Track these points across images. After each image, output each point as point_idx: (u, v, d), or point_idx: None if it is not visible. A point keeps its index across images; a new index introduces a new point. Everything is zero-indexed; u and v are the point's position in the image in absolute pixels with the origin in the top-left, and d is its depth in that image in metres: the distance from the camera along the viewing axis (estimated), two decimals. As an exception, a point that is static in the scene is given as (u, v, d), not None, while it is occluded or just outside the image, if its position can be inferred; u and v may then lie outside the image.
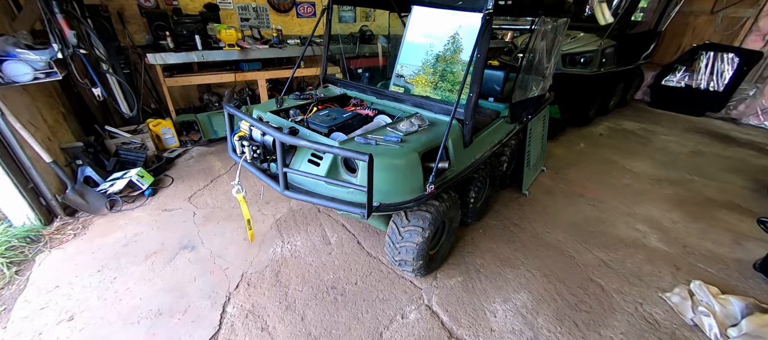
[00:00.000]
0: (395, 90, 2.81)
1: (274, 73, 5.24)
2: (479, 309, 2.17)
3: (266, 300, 2.20)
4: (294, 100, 2.76)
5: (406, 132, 2.06)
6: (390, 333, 2.00)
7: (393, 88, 2.87)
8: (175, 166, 3.97)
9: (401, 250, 2.16)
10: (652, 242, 2.84)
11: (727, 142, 5.09)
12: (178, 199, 3.29)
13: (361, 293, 2.27)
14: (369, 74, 6.28)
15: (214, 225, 2.91)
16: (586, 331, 2.04)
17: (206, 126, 4.69)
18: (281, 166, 1.71)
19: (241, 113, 1.94)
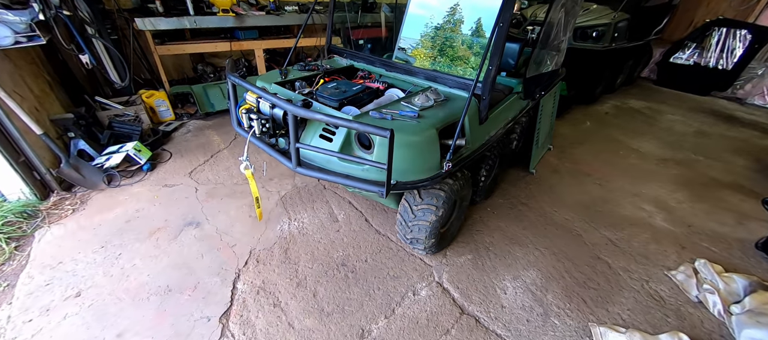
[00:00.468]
0: (401, 62, 2.67)
1: (271, 42, 4.99)
2: (489, 286, 2.18)
3: (277, 277, 2.18)
4: (299, 72, 2.62)
5: (422, 107, 1.97)
6: (402, 309, 2.01)
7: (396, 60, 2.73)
8: (172, 140, 3.83)
9: (413, 228, 2.13)
10: (657, 222, 2.86)
11: (731, 122, 5.08)
12: (178, 174, 3.19)
13: (371, 270, 2.26)
14: (371, 45, 6.03)
15: (218, 202, 2.84)
16: (594, 307, 2.07)
17: (202, 99, 4.50)
18: (294, 142, 1.63)
19: (247, 84, 1.82)
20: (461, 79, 2.21)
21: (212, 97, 4.52)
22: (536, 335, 1.90)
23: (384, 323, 1.92)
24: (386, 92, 2.36)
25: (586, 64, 4.81)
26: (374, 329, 1.89)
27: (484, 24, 2.47)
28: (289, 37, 5.23)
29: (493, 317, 1.99)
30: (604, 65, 4.99)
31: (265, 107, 1.81)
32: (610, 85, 5.76)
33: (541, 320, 1.97)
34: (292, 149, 1.65)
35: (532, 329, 1.93)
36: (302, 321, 1.92)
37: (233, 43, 4.63)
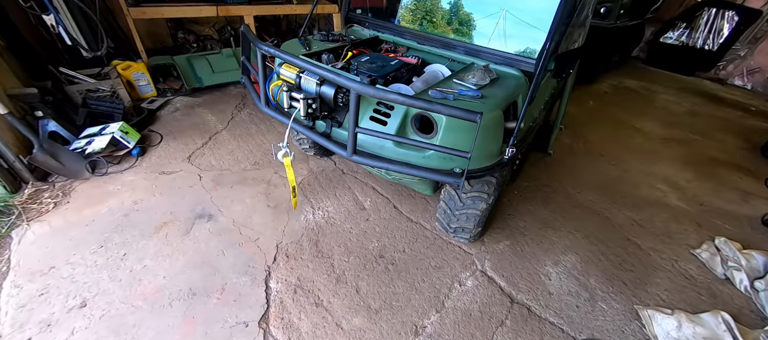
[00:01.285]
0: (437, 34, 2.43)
1: (264, 8, 4.50)
2: (533, 273, 2.14)
3: (312, 273, 2.00)
4: (322, 43, 2.31)
5: (479, 85, 1.79)
6: (452, 301, 1.92)
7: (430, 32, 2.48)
8: (159, 120, 3.39)
9: (460, 217, 2.01)
10: (673, 201, 2.94)
11: (717, 102, 5.33)
12: (175, 159, 2.83)
13: (411, 261, 2.14)
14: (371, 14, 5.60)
15: (228, 190, 2.55)
16: (635, 289, 2.10)
17: (187, 72, 4.00)
18: (354, 125, 1.40)
19: (288, 55, 1.53)
20: (513, 56, 2.04)
21: (199, 71, 4.02)
22: (587, 320, 1.89)
23: (436, 318, 1.83)
24: (427, 68, 2.14)
25: (592, 43, 4.76)
26: (427, 324, 1.80)
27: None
28: (279, 3, 4.73)
29: (543, 304, 1.95)
30: (608, 43, 4.98)
31: (309, 84, 1.54)
32: (608, 65, 5.82)
33: (589, 306, 1.97)
34: (351, 134, 1.43)
35: (582, 315, 1.92)
36: (350, 321, 1.77)
37: (220, 7, 4.11)
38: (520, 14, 2.24)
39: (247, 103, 3.86)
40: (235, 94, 4.07)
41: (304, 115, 1.55)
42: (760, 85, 5.90)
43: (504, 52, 2.10)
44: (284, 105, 1.60)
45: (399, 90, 1.74)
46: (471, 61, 2.17)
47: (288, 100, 1.57)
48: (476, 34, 2.41)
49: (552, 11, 1.86)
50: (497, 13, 2.31)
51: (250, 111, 3.70)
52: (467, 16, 2.43)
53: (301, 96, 1.50)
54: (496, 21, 2.33)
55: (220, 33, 4.79)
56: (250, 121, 3.50)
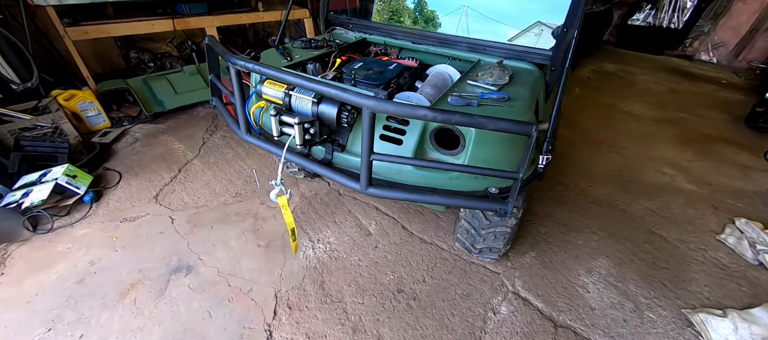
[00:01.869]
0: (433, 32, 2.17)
1: (226, 17, 4.06)
2: (568, 286, 1.93)
3: (322, 325, 1.67)
4: (304, 51, 1.99)
5: (498, 85, 1.54)
6: (490, 337, 1.66)
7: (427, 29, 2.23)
8: (116, 154, 2.91)
9: (487, 237, 1.76)
10: (683, 185, 2.86)
11: (691, 78, 5.47)
12: (138, 201, 2.39)
13: (435, 291, 1.86)
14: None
15: (208, 232, 2.17)
16: (676, 290, 1.94)
17: (145, 96, 3.51)
18: (368, 152, 1.09)
19: (270, 69, 1.20)
20: (526, 49, 1.81)
21: (159, 93, 3.55)
22: (637, 334, 1.70)
23: (477, 360, 1.56)
24: (431, 70, 1.87)
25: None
26: (468, 370, 1.52)
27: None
28: (244, 11, 4.32)
29: (588, 324, 1.74)
30: (588, 29, 4.97)
31: (303, 103, 1.22)
32: (589, 51, 5.86)
33: (637, 318, 1.77)
34: (365, 163, 1.12)
35: (632, 330, 1.72)
36: (378, 381, 1.47)
37: (177, 20, 3.65)
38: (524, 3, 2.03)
39: (219, 125, 3.44)
40: (204, 115, 3.63)
41: (301, 143, 1.23)
42: (725, 58, 6.15)
43: (514, 45, 1.87)
44: (272, 131, 1.27)
45: (409, 100, 1.45)
46: (475, 58, 1.93)
47: (277, 126, 1.24)
48: (475, 27, 2.18)
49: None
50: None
51: (223, 134, 3.29)
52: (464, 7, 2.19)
53: (296, 120, 1.17)
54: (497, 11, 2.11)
55: (180, 49, 4.30)
56: (224, 146, 3.09)
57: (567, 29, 1.68)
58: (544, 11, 2.00)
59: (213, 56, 1.72)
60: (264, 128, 1.58)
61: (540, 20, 2.03)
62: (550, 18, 1.96)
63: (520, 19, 2.06)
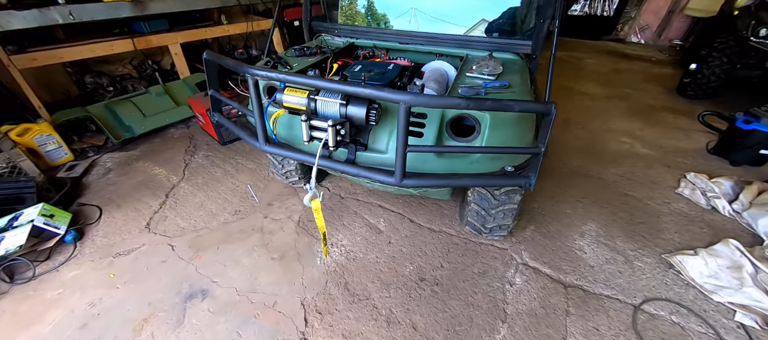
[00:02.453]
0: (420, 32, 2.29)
1: (190, 33, 3.89)
2: (568, 250, 2.13)
3: (356, 323, 1.70)
4: (300, 58, 2.01)
5: (495, 75, 1.69)
6: (512, 306, 1.79)
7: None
8: (89, 188, 2.67)
9: (496, 216, 1.90)
10: (640, 150, 3.25)
11: (628, 58, 6.18)
12: (128, 233, 2.23)
13: (454, 274, 1.97)
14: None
15: (215, 254, 2.08)
16: (654, 239, 2.23)
17: (110, 122, 3.26)
18: (404, 145, 1.16)
19: (297, 76, 1.22)
20: (510, 41, 1.99)
21: (126, 118, 3.30)
22: (634, 282, 1.93)
23: (506, 330, 1.68)
24: (427, 67, 1.98)
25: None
26: (501, 337, 1.64)
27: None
28: (207, 25, 4.16)
29: (591, 280, 1.94)
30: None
31: (329, 107, 1.26)
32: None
33: (629, 268, 2.02)
34: (400, 156, 1.19)
35: (627, 279, 1.95)
36: (421, 365, 1.53)
37: (137, 39, 3.44)
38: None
39: (198, 145, 3.28)
40: (179, 136, 3.44)
41: (333, 145, 1.26)
42: (650, 39, 7.03)
43: (498, 39, 2.04)
44: (303, 137, 1.28)
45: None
46: (462, 53, 2.07)
47: (308, 131, 1.26)
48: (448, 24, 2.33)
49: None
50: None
51: (205, 153, 3.14)
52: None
53: (329, 123, 1.21)
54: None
55: (140, 69, 4.03)
56: (210, 165, 2.96)
57: (543, 20, 1.88)
58: (485, 9, 2.18)
59: (212, 70, 1.67)
60: (281, 138, 1.58)
61: (484, 18, 2.22)
62: (493, 15, 2.15)
63: (465, 18, 2.21)
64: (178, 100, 3.71)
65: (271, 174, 2.83)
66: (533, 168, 1.29)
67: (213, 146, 3.26)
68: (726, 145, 3.07)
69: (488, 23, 2.16)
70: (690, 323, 1.72)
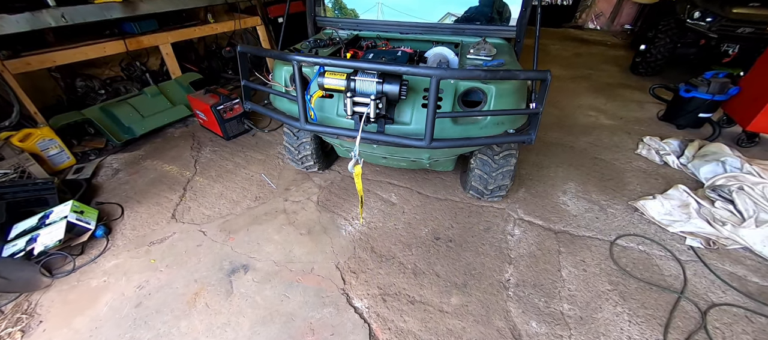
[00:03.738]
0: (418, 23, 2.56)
1: (180, 33, 3.93)
2: (554, 206, 2.51)
3: (388, 277, 1.97)
4: (312, 49, 2.22)
5: (492, 56, 2.00)
6: (515, 252, 2.14)
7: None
8: (102, 189, 2.72)
9: (496, 177, 2.23)
10: (604, 122, 3.75)
11: (587, 43, 6.82)
12: (157, 224, 2.34)
13: (464, 232, 2.28)
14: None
15: (246, 235, 2.26)
16: (621, 191, 2.66)
17: (109, 124, 3.26)
18: (433, 113, 1.43)
19: (339, 60, 1.45)
20: (497, 27, 2.31)
21: (125, 120, 3.32)
22: (608, 224, 2.34)
23: (512, 269, 2.02)
24: (430, 53, 2.25)
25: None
26: (509, 277, 1.97)
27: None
28: (194, 24, 4.18)
29: (575, 225, 2.33)
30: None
31: (367, 85, 1.50)
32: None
33: (603, 214, 2.43)
34: (430, 122, 1.45)
35: (603, 222, 2.36)
36: (448, 302, 1.83)
37: (128, 39, 3.44)
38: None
39: (202, 141, 3.37)
40: (180, 135, 3.50)
41: (374, 117, 1.51)
42: (605, 25, 7.75)
43: (487, 26, 2.36)
44: (347, 111, 1.51)
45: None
46: (457, 39, 2.37)
47: (351, 107, 1.49)
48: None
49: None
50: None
51: (212, 148, 3.25)
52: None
53: (372, 97, 1.45)
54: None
55: (129, 71, 3.99)
56: (220, 159, 3.08)
57: (526, 8, 2.22)
58: (451, 3, 2.49)
59: (245, 62, 1.85)
60: (319, 118, 1.79)
61: (449, 12, 2.53)
62: (458, 9, 2.48)
63: (432, 12, 2.51)
64: (173, 100, 3.74)
65: (281, 163, 3.00)
66: (533, 126, 1.61)
67: (217, 142, 3.36)
68: (672, 112, 3.62)
69: (472, 10, 2.45)
70: (653, 250, 2.14)
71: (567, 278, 1.96)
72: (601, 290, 1.89)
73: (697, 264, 2.04)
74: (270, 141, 3.37)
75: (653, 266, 2.03)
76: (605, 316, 1.76)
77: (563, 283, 1.93)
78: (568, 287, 1.91)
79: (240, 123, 3.41)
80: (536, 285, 1.92)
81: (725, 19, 3.98)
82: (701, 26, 4.17)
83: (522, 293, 1.88)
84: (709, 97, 3.25)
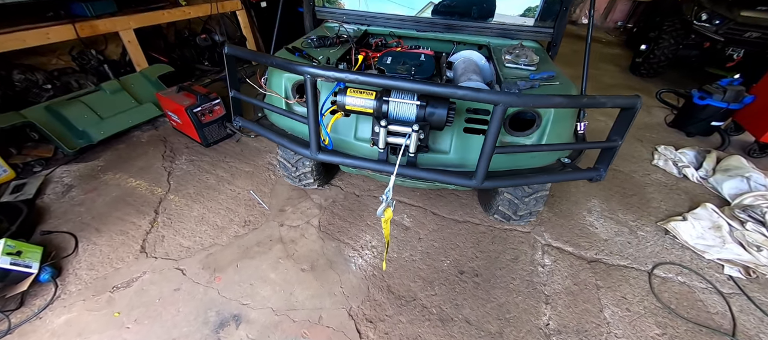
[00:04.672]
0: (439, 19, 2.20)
1: (144, 17, 3.35)
2: (582, 228, 2.30)
3: (411, 326, 1.67)
4: (323, 50, 1.83)
5: (534, 64, 1.70)
6: (549, 287, 1.90)
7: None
8: (49, 212, 2.22)
9: (529, 203, 1.96)
10: (615, 127, 3.58)
11: (582, 40, 6.68)
12: (121, 261, 1.91)
13: (489, 263, 2.01)
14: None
15: (235, 272, 1.88)
16: (647, 209, 2.49)
17: (57, 128, 2.71)
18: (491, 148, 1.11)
19: (370, 77, 1.08)
20: (526, 28, 2.01)
21: (78, 122, 2.76)
22: (642, 250, 2.15)
23: (550, 310, 1.78)
24: (457, 58, 1.92)
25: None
26: (548, 320, 1.73)
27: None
28: (162, 7, 3.60)
29: (608, 252, 2.12)
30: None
31: (404, 109, 1.15)
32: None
33: (635, 238, 2.24)
34: (486, 158, 1.13)
35: (635, 248, 2.17)
36: (485, 358, 1.56)
37: (79, 24, 2.85)
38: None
39: (176, 148, 2.88)
40: (149, 140, 2.99)
41: (414, 152, 1.17)
42: (598, 21, 7.67)
43: (520, 26, 2.05)
44: (379, 144, 1.16)
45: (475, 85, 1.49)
46: (482, 41, 2.06)
47: (384, 138, 1.14)
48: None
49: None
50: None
51: (188, 157, 2.78)
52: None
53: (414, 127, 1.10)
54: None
55: (81, 61, 3.36)
56: (198, 171, 2.63)
57: (565, 8, 1.92)
58: None
59: (233, 68, 1.44)
60: (334, 145, 1.42)
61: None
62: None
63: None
64: (138, 97, 3.19)
65: (273, 176, 2.60)
66: (606, 161, 1.33)
67: (195, 149, 2.89)
68: (683, 119, 3.51)
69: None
70: (693, 281, 1.97)
71: (611, 320, 1.74)
72: (650, 335, 1.69)
73: (740, 297, 1.89)
74: (258, 148, 2.94)
75: (697, 302, 1.86)
76: (661, 369, 1.56)
77: (608, 327, 1.71)
78: (615, 332, 1.69)
79: (221, 127, 2.94)
80: (580, 332, 1.69)
81: (733, 22, 3.89)
82: (708, 29, 4.07)
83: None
84: (724, 105, 3.13)
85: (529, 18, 2.09)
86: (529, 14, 2.09)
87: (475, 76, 1.69)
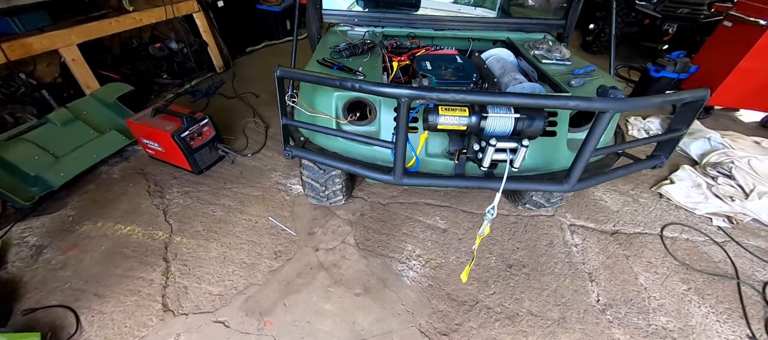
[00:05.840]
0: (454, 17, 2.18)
1: (89, 29, 2.85)
2: (595, 203, 2.49)
3: (483, 331, 1.68)
4: (356, 59, 1.70)
5: (568, 59, 1.77)
6: (587, 265, 2.04)
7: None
8: (24, 287, 1.80)
9: (560, 190, 2.06)
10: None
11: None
12: (143, 327, 1.63)
13: (531, 253, 2.10)
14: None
15: (285, 313, 1.72)
16: (638, 177, 2.78)
17: (3, 177, 2.18)
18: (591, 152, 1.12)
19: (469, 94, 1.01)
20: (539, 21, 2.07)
21: (29, 167, 2.25)
22: (646, 215, 2.41)
23: (595, 287, 1.92)
24: (488, 56, 1.91)
25: None
26: (597, 296, 1.87)
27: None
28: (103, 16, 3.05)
29: (622, 223, 2.34)
30: None
31: (501, 123, 1.11)
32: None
33: (640, 206, 2.49)
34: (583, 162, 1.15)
35: (643, 215, 2.42)
36: (558, 345, 1.64)
37: (7, 44, 2.31)
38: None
39: (161, 181, 2.51)
40: (122, 175, 2.56)
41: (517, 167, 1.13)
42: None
43: (534, 19, 2.10)
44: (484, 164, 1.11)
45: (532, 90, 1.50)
46: (498, 36, 2.08)
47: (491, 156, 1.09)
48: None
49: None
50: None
51: (181, 190, 2.43)
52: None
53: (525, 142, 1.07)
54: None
55: (9, 88, 2.71)
56: (200, 204, 2.32)
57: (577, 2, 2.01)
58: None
59: (283, 90, 1.26)
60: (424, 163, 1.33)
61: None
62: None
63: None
64: (96, 126, 2.69)
65: (287, 196, 2.40)
66: (668, 149, 1.44)
67: (184, 178, 2.54)
68: (641, 90, 3.95)
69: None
70: (694, 236, 2.27)
71: (647, 285, 1.94)
72: (679, 291, 1.91)
73: (731, 244, 2.22)
74: (259, 167, 2.67)
75: (703, 254, 2.14)
76: (698, 321, 1.78)
77: (647, 292, 1.90)
78: (653, 295, 1.89)
79: (213, 149, 2.61)
80: (627, 301, 1.85)
81: (668, 0, 4.44)
82: (647, 6, 4.60)
83: (619, 314, 1.79)
84: (675, 75, 3.59)
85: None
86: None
87: (520, 76, 1.70)
